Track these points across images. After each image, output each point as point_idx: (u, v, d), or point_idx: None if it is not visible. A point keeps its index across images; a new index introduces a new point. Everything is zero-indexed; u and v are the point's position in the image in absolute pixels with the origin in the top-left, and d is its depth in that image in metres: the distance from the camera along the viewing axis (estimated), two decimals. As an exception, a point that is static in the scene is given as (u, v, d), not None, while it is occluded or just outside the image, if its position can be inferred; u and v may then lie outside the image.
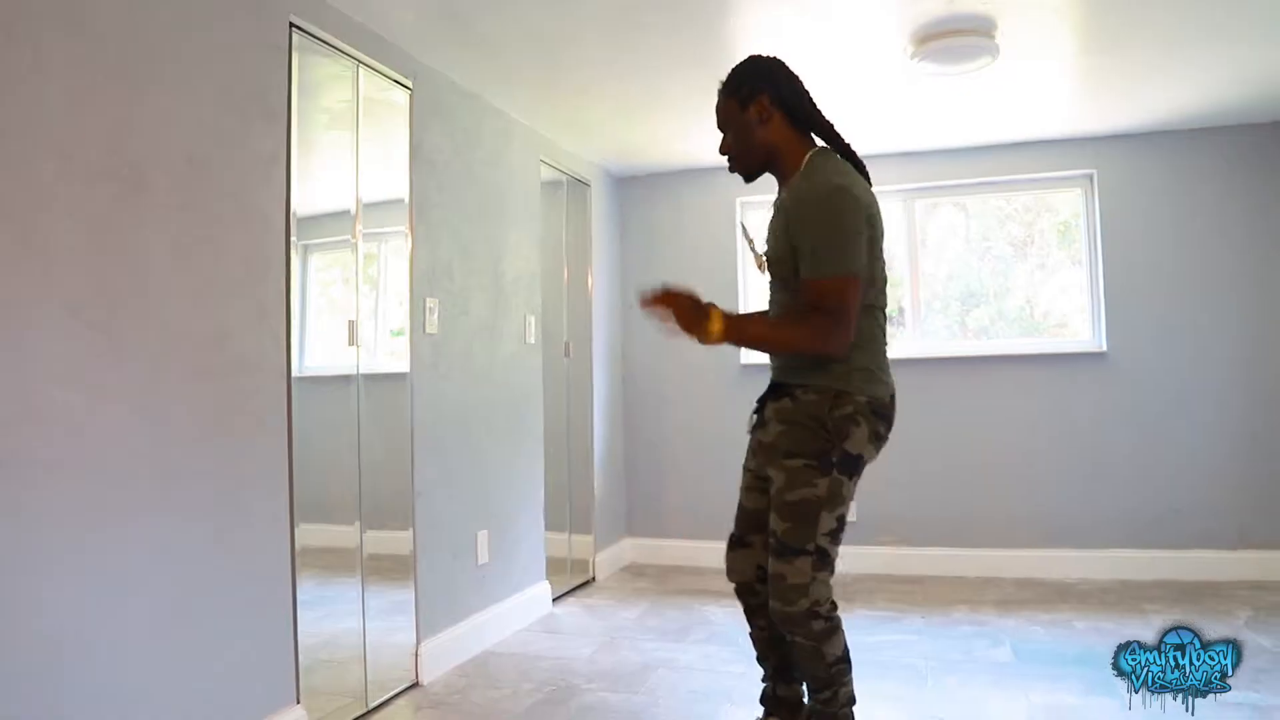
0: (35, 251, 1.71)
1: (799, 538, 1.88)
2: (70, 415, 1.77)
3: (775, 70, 2.00)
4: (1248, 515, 4.07)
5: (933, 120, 4.03)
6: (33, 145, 1.72)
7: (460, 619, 3.23)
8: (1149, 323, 4.22)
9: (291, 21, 2.46)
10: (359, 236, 2.78)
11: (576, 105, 3.73)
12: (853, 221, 1.84)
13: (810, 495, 1.88)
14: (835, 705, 1.94)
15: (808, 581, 1.88)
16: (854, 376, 1.91)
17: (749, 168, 2.04)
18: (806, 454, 1.89)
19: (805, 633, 1.90)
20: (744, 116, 1.98)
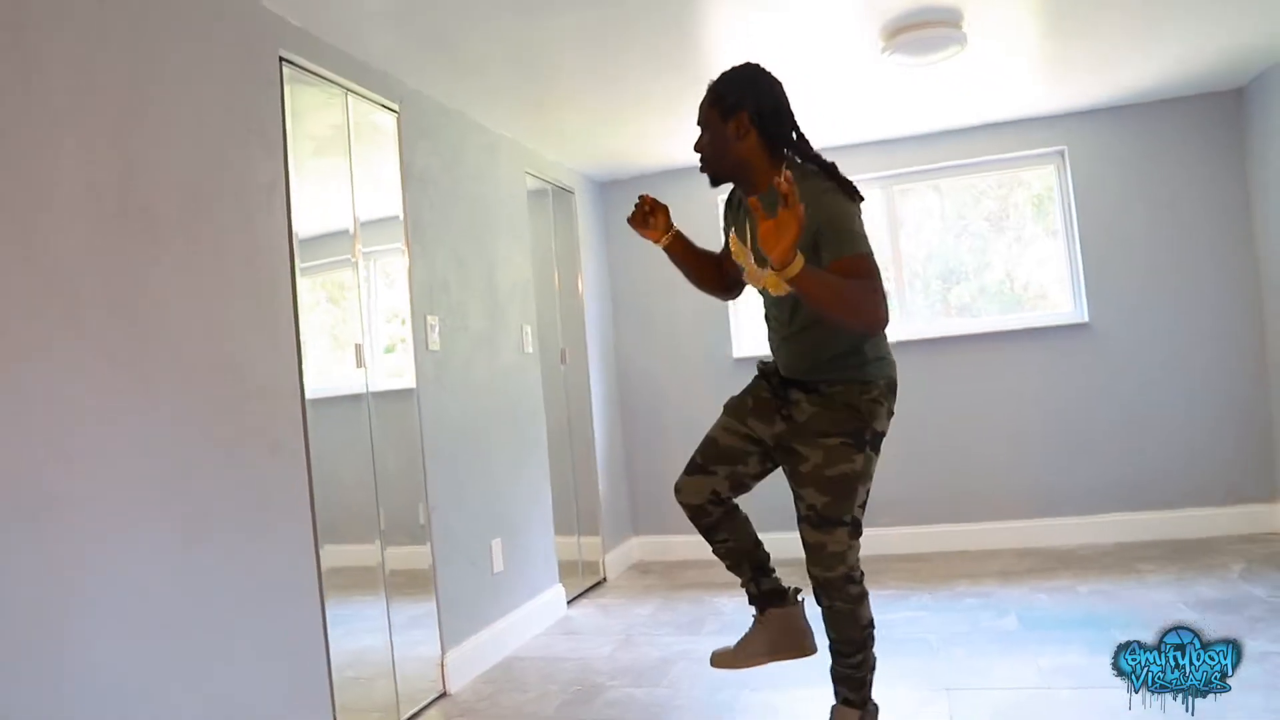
0: (62, 296, 1.77)
1: (839, 510, 2.01)
2: (102, 452, 1.83)
3: (760, 85, 2.04)
4: (1235, 472, 4.19)
5: (906, 108, 4.12)
6: (50, 191, 1.77)
7: (481, 627, 3.30)
8: (1129, 292, 4.33)
9: (281, 56, 2.52)
10: (359, 255, 2.84)
11: (557, 116, 3.80)
12: (858, 217, 1.95)
13: (849, 470, 2.00)
14: (863, 668, 2.10)
15: (845, 549, 2.03)
16: (871, 367, 2.04)
17: (717, 174, 2.08)
18: (844, 433, 2.00)
19: (843, 596, 2.05)
20: (723, 127, 2.02)
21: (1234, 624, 2.92)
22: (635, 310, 5.02)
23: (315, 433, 2.50)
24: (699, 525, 2.26)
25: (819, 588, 2.07)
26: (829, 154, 2.35)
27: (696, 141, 2.09)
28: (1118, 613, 3.20)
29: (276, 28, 2.50)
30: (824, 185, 1.96)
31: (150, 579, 1.91)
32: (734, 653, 2.36)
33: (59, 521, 1.71)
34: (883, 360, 2.07)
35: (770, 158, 2.02)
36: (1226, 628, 2.87)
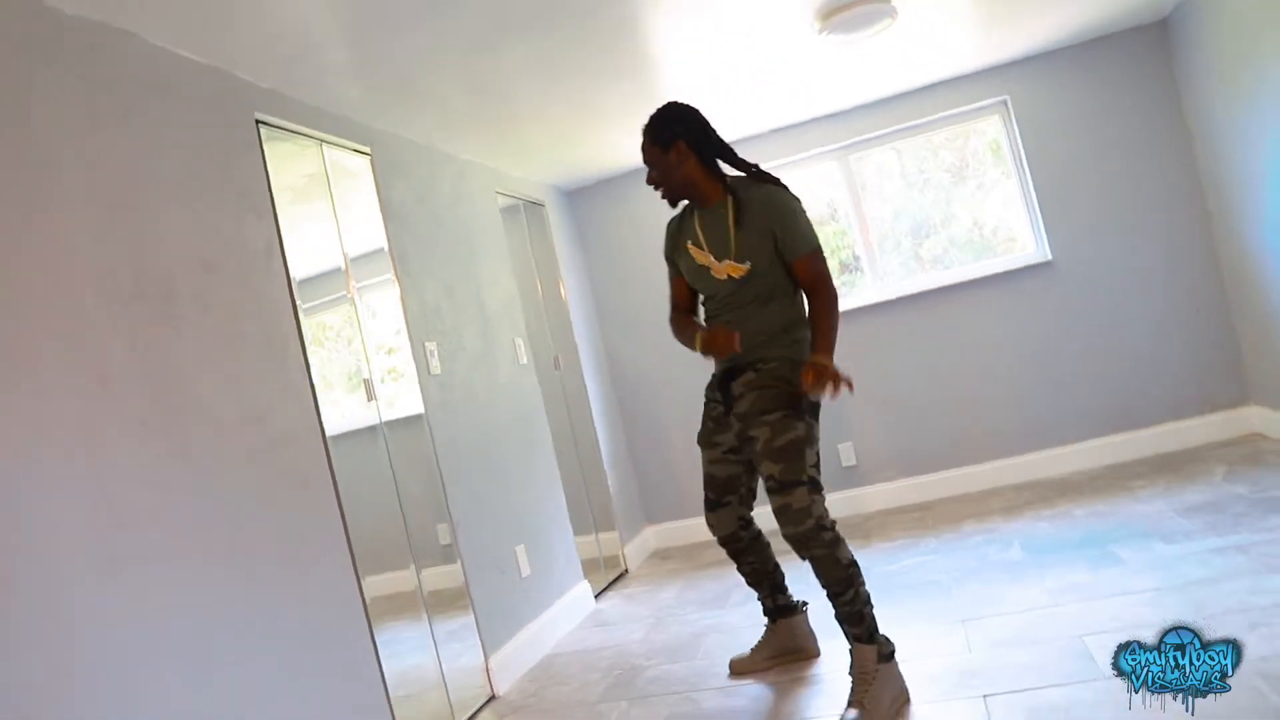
0: (95, 375, 1.91)
1: (793, 472, 2.32)
2: (150, 513, 1.96)
3: (686, 117, 2.46)
4: (1208, 383, 4.39)
5: (852, 80, 4.28)
6: (70, 281, 1.90)
7: (518, 630, 3.45)
8: (1086, 227, 4.51)
9: (257, 118, 2.65)
10: (353, 291, 2.99)
11: (519, 137, 3.95)
12: (805, 212, 2.43)
13: (795, 437, 2.33)
14: (858, 603, 2.34)
15: (809, 504, 2.31)
16: (801, 345, 2.42)
17: (673, 197, 2.53)
18: (783, 407, 2.35)
19: (819, 544, 2.31)
20: (666, 158, 2.45)
21: (1220, 523, 3.11)
22: (618, 308, 5.17)
23: (340, 469, 2.64)
24: (731, 551, 2.70)
25: (797, 544, 2.34)
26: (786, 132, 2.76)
27: (648, 177, 2.52)
28: (1114, 528, 3.39)
29: (250, 93, 2.64)
30: (769, 190, 2.41)
31: (211, 621, 2.05)
32: (750, 658, 2.81)
33: (127, 576, 1.85)
34: (809, 340, 2.42)
35: (709, 173, 2.46)
36: (1214, 527, 3.08)
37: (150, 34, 2.27)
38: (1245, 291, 4.16)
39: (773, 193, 2.41)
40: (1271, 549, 2.76)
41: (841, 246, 5.06)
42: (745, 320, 2.44)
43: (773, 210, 2.38)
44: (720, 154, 2.48)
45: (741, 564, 2.72)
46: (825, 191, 5.04)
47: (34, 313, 1.80)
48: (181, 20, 2.27)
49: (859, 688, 2.29)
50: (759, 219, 2.39)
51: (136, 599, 1.86)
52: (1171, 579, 2.71)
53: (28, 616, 1.64)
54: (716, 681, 2.81)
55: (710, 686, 2.78)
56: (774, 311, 2.43)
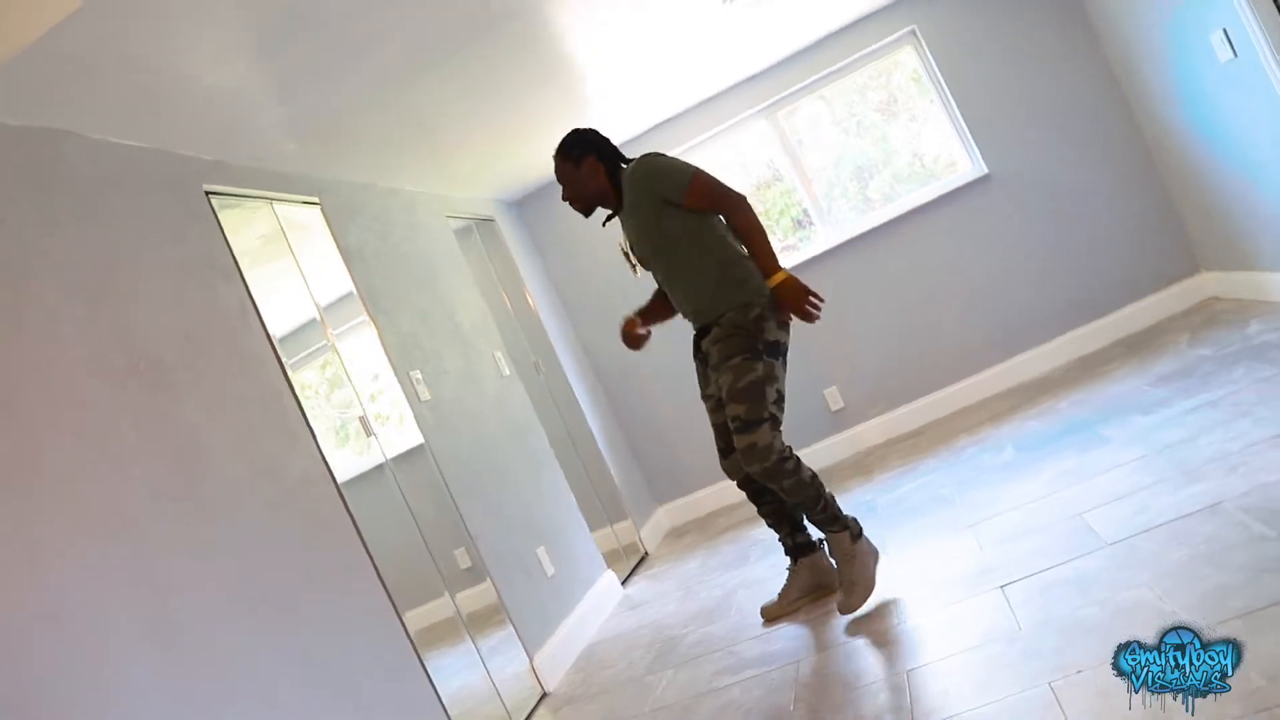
0: (109, 458, 1.99)
1: (754, 411, 2.53)
2: (190, 576, 2.05)
3: (589, 136, 2.78)
4: (1159, 260, 4.56)
5: (766, 38, 4.40)
6: (67, 372, 1.99)
7: (555, 628, 3.56)
8: (1015, 135, 4.65)
9: (206, 190, 2.73)
10: (332, 338, 3.07)
11: (458, 159, 4.04)
12: (671, 158, 2.70)
13: (754, 378, 2.54)
14: (830, 508, 2.63)
15: (771, 440, 2.54)
16: (748, 286, 2.60)
17: (587, 208, 2.83)
18: (740, 351, 2.56)
19: (784, 473, 2.55)
20: (578, 173, 2.76)
21: (1190, 386, 3.27)
22: (584, 302, 5.26)
23: (357, 513, 2.71)
24: (749, 493, 2.88)
25: (766, 477, 2.56)
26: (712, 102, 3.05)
27: (563, 194, 2.81)
28: (1097, 411, 3.54)
29: (194, 167, 2.71)
30: (631, 165, 2.70)
31: (268, 669, 2.14)
32: (779, 603, 2.97)
33: (183, 640, 1.94)
34: (753, 279, 2.62)
35: (613, 181, 2.77)
36: (1185, 391, 3.24)
37: (89, 130, 2.35)
38: (1176, 167, 4.33)
39: (634, 164, 2.68)
40: (1238, 398, 2.92)
41: (790, 204, 5.19)
42: (684, 284, 2.71)
43: (638, 177, 2.65)
44: (619, 162, 2.78)
45: (761, 505, 2.87)
46: (762, 153, 5.17)
47: (40, 414, 1.89)
48: (115, 112, 2.34)
49: (844, 567, 2.63)
50: (633, 193, 2.67)
51: (195, 659, 1.95)
52: (1154, 445, 2.86)
53: (97, 700, 1.72)
54: (753, 632, 2.93)
55: (748, 638, 2.90)
56: (700, 265, 2.65)
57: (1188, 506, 2.33)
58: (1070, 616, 2.06)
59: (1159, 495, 2.47)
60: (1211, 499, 2.30)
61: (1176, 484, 2.49)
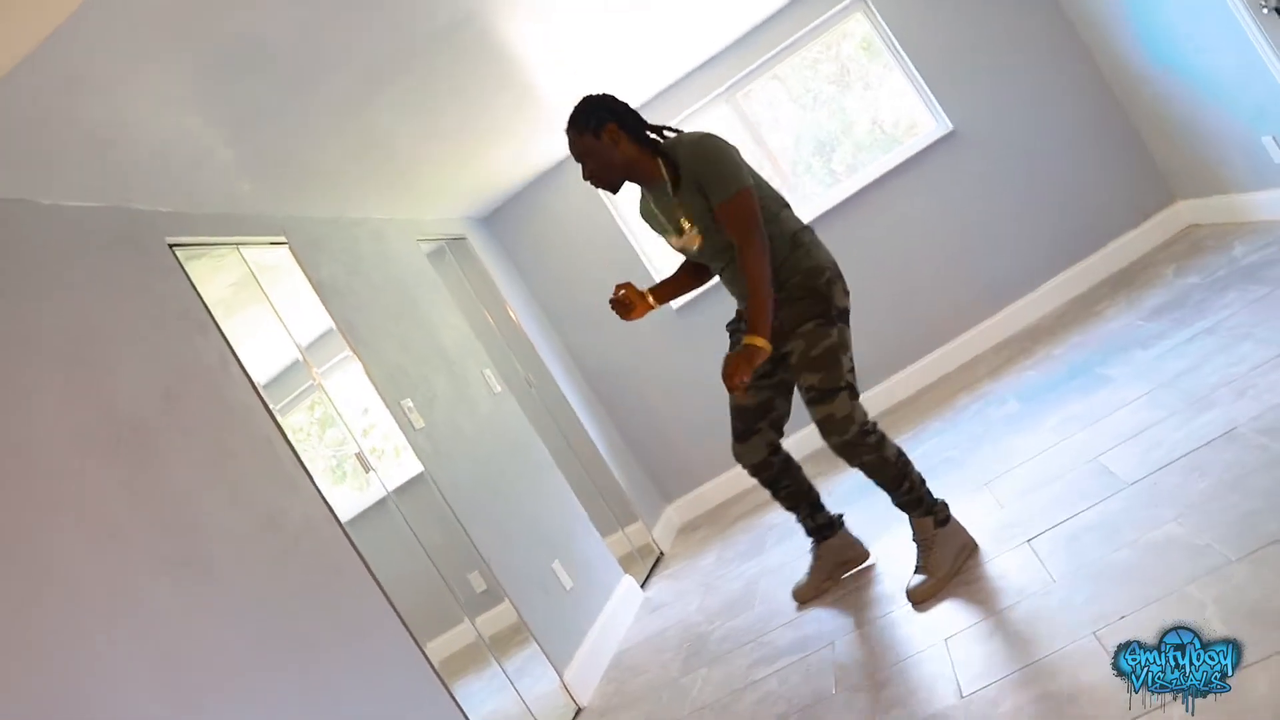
0: (105, 530, 1.92)
1: (832, 379, 2.36)
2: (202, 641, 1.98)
3: (611, 102, 2.45)
4: (1134, 195, 4.54)
5: (715, 22, 4.36)
6: (52, 448, 1.92)
7: (580, 641, 3.50)
8: (976, 88, 4.62)
9: (169, 243, 2.65)
10: (317, 377, 3.01)
11: (419, 181, 3.98)
12: (732, 150, 2.39)
13: (829, 345, 2.36)
14: (915, 490, 2.44)
15: (850, 410, 2.37)
16: (815, 253, 2.43)
17: (613, 183, 2.48)
18: (813, 315, 2.37)
19: (865, 449, 2.38)
20: (599, 144, 2.40)
21: (1185, 315, 3.25)
22: (567, 307, 5.20)
23: (366, 551, 2.65)
24: (763, 479, 2.69)
25: (845, 452, 2.39)
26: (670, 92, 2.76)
27: (583, 172, 2.46)
28: (1094, 352, 3.52)
29: (154, 220, 2.64)
30: (689, 140, 2.39)
31: None
32: (810, 583, 2.86)
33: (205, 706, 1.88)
34: (820, 247, 2.46)
35: (643, 149, 2.42)
36: (1180, 321, 3.22)
37: (39, 195, 2.28)
38: (1140, 101, 4.32)
39: (693, 143, 2.39)
40: (1235, 321, 2.90)
41: (758, 185, 5.15)
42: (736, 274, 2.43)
43: (695, 161, 2.36)
44: (647, 129, 2.46)
45: (777, 490, 2.73)
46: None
47: (28, 494, 1.82)
48: (65, 174, 2.28)
49: (923, 554, 2.44)
50: (688, 176, 2.38)
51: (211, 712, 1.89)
52: (1158, 378, 2.84)
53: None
54: (782, 619, 2.89)
55: (777, 625, 2.86)
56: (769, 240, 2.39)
57: (1203, 436, 2.30)
58: (1102, 562, 2.03)
59: (1172, 428, 2.45)
60: (1225, 425, 2.28)
61: (1187, 415, 2.47)
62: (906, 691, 2.03)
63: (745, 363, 2.25)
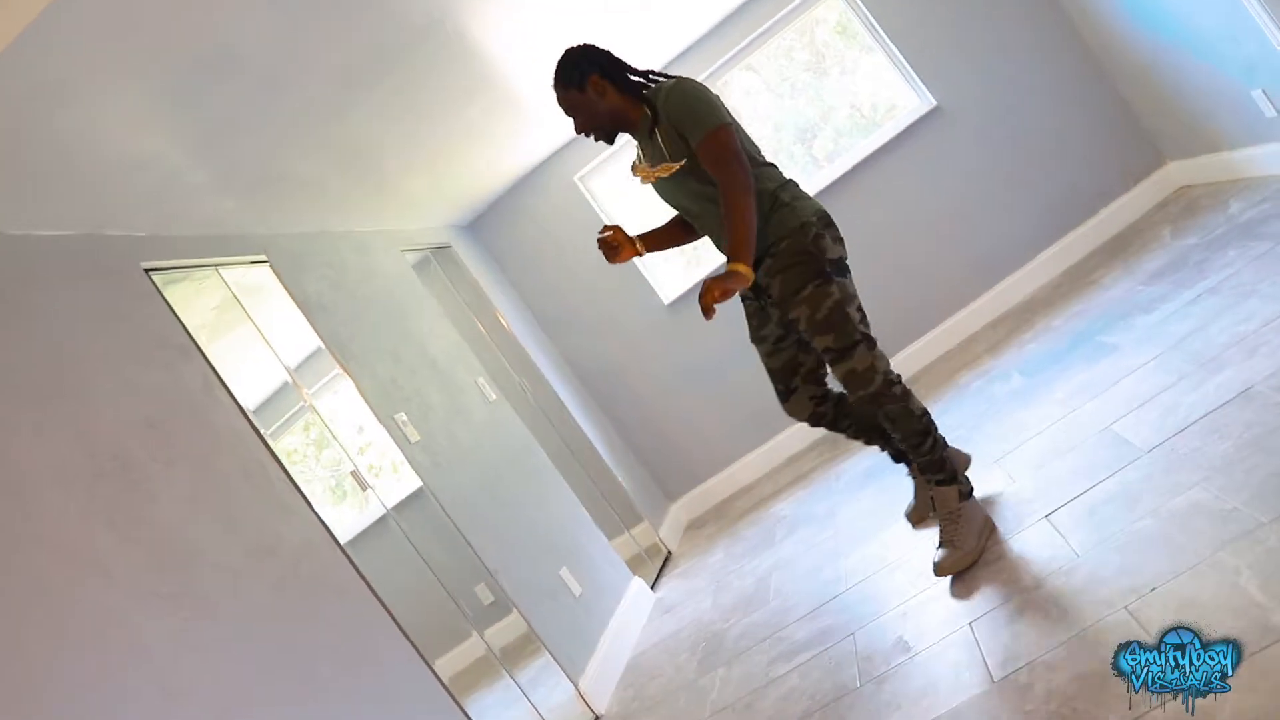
0: (93, 568, 1.84)
1: (844, 335, 2.33)
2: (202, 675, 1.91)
3: (593, 52, 2.40)
4: (1123, 159, 4.49)
5: (690, 12, 4.30)
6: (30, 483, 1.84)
7: (593, 648, 3.43)
8: (958, 62, 4.56)
9: (144, 268, 2.58)
10: (308, 398, 2.94)
11: (401, 190, 3.90)
12: (707, 92, 2.33)
13: (833, 303, 2.33)
14: (937, 450, 2.40)
15: (871, 361, 2.33)
16: (798, 209, 2.35)
17: (607, 134, 2.44)
18: (810, 278, 2.32)
19: (890, 398, 2.34)
20: (584, 97, 2.36)
21: (1185, 276, 3.20)
22: (557, 310, 5.13)
23: (368, 571, 2.58)
24: (824, 425, 2.64)
25: (870, 403, 2.35)
26: None
27: (575, 126, 2.44)
28: (1095, 321, 3.46)
29: (128, 246, 2.56)
30: (669, 85, 2.35)
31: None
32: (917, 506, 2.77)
33: None
34: (802, 199, 2.38)
35: (631, 98, 2.39)
36: (1182, 283, 3.16)
37: (8, 226, 2.20)
38: (1123, 64, 4.27)
39: (670, 88, 2.34)
40: (1239, 279, 2.84)
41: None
42: (717, 221, 2.38)
43: (671, 102, 2.31)
44: (634, 75, 2.42)
45: (842, 430, 2.66)
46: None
47: (9, 535, 1.74)
48: (33, 202, 2.20)
49: (947, 527, 2.37)
50: (668, 116, 2.33)
51: (225, 762, 1.82)
52: (1165, 342, 2.78)
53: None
54: (798, 613, 2.82)
55: (794, 619, 2.79)
56: None
57: (1218, 397, 2.24)
58: (1126, 533, 1.97)
59: (1185, 392, 2.39)
60: (1240, 385, 2.22)
61: (1200, 377, 2.41)
62: (934, 680, 1.97)
63: (719, 285, 2.15)
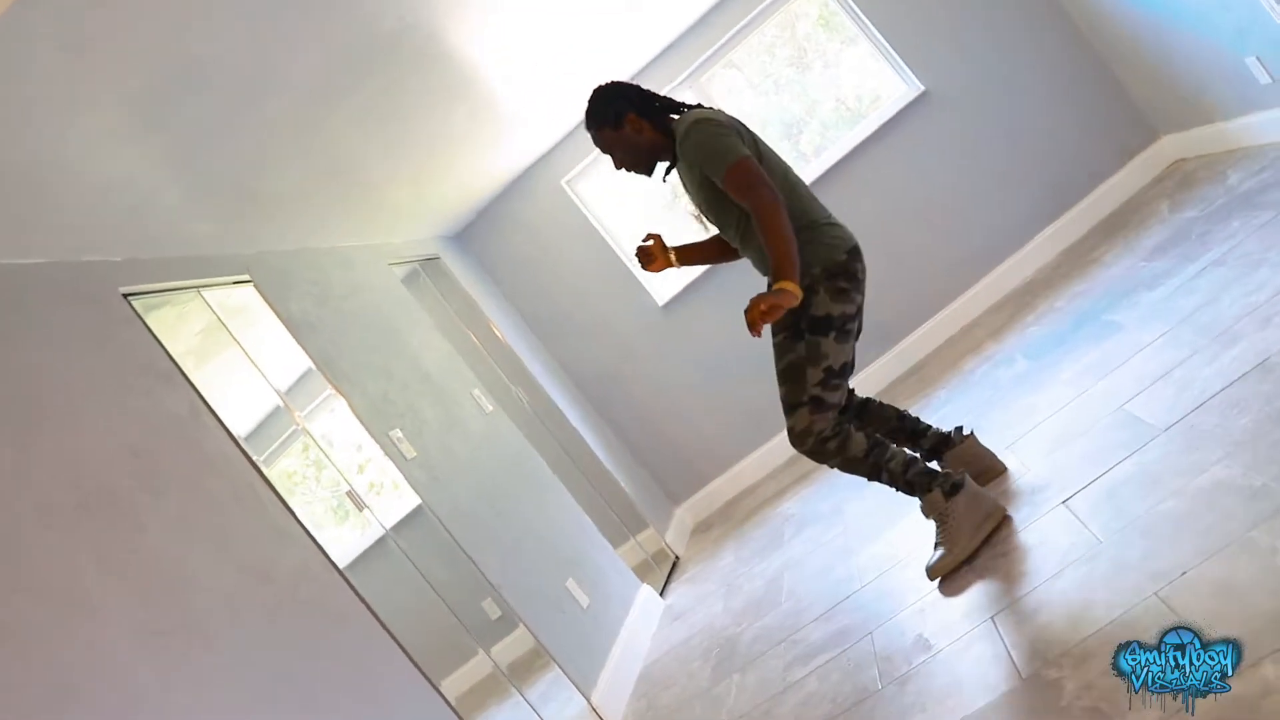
0: (80, 605, 1.77)
1: (794, 394, 2.33)
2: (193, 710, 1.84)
3: (624, 89, 2.45)
4: (1116, 135, 4.43)
5: (669, 12, 4.24)
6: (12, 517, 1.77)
7: (604, 660, 3.36)
8: (944, 46, 4.50)
9: (123, 293, 2.50)
10: (301, 421, 2.86)
11: (386, 202, 3.83)
12: (717, 129, 2.30)
13: (792, 359, 2.32)
14: (898, 477, 2.38)
15: (809, 424, 2.32)
16: (806, 253, 2.28)
17: (647, 168, 2.49)
18: (783, 329, 2.33)
19: (827, 454, 2.36)
20: (622, 135, 2.41)
21: (1189, 250, 3.14)
22: (551, 316, 5.06)
23: (369, 593, 2.50)
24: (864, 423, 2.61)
25: (812, 457, 2.39)
26: None
27: (614, 163, 2.49)
28: (1098, 300, 3.40)
29: (105, 271, 2.49)
30: (683, 123, 2.35)
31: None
32: None
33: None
34: (814, 245, 2.33)
35: (663, 132, 2.43)
36: (1185, 256, 3.10)
37: (-22, 256, 2.13)
38: (1111, 39, 4.21)
39: (684, 131, 2.34)
40: (1244, 249, 2.78)
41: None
42: (749, 247, 2.44)
43: (686, 145, 2.33)
44: (665, 110, 2.46)
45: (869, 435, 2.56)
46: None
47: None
48: (3, 231, 2.12)
49: (939, 530, 2.36)
50: (686, 158, 2.37)
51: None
52: (1174, 317, 2.71)
53: None
54: (813, 614, 2.75)
55: (809, 621, 2.72)
56: None
57: (1234, 370, 2.17)
58: (1150, 515, 1.90)
59: (1198, 367, 2.32)
60: (1256, 356, 2.15)
61: (1213, 351, 2.34)
62: (959, 679, 1.90)
63: (768, 301, 2.10)
